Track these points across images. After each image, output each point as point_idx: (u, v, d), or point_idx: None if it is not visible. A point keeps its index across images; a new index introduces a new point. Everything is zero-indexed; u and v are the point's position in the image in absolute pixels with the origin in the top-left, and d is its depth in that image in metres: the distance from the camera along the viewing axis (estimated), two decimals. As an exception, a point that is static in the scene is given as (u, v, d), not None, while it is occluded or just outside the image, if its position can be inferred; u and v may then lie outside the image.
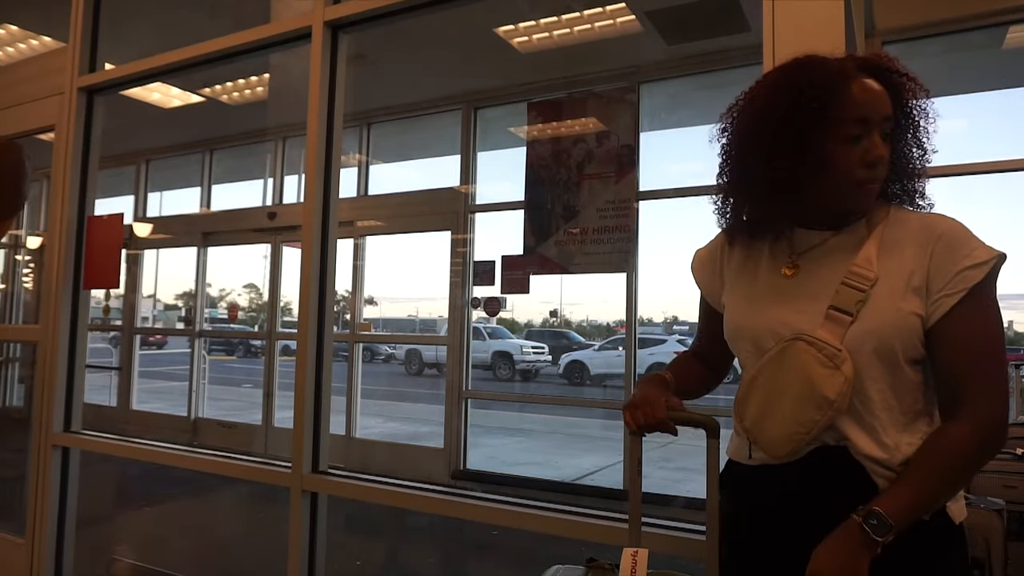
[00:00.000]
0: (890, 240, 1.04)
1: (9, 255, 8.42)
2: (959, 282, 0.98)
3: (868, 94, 1.00)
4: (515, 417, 9.01)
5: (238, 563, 3.72)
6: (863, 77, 1.02)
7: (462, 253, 5.66)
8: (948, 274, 0.98)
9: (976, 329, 0.98)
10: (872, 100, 1.01)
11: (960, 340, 0.98)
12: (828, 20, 1.31)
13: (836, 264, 1.05)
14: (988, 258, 0.98)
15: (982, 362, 0.98)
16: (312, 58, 2.08)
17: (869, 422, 1.01)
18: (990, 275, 0.98)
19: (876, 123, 1.01)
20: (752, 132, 1.05)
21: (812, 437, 1.02)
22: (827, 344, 1.01)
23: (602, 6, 4.40)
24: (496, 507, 1.71)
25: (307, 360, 2.03)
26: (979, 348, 0.98)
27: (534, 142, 5.37)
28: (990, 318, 0.99)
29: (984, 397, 0.97)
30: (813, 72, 1.02)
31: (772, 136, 1.01)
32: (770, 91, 1.05)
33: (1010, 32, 3.76)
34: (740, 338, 1.13)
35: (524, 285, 5.33)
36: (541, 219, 5.22)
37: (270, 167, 7.39)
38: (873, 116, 1.00)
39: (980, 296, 0.98)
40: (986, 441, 0.97)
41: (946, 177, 3.64)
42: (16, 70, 3.29)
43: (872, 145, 1.00)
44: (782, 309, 1.07)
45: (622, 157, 4.98)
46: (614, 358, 10.12)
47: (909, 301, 1.00)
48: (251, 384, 10.99)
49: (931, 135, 1.08)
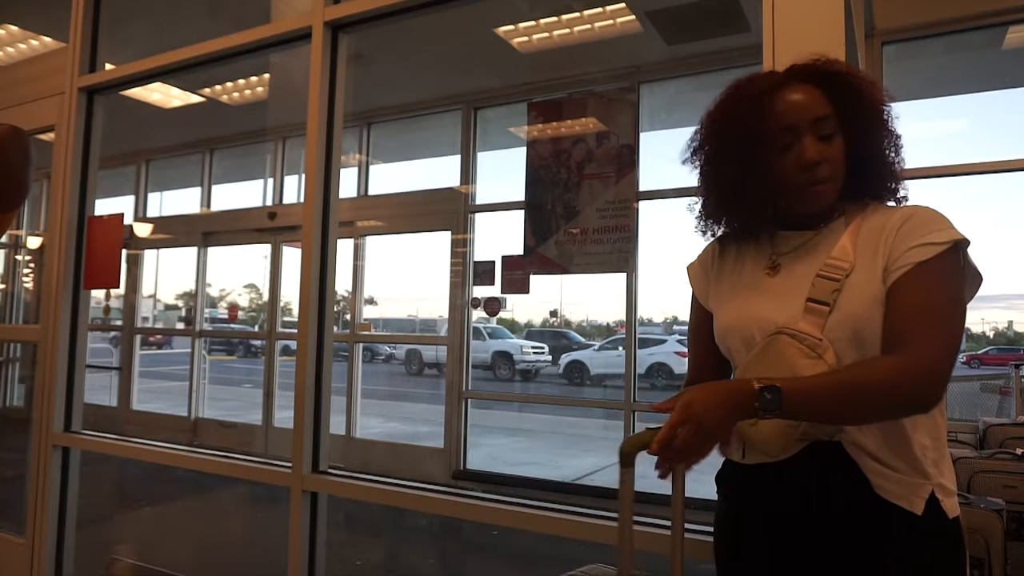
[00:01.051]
0: (868, 230, 1.06)
1: (9, 255, 8.43)
2: (908, 257, 0.99)
3: (791, 103, 1.06)
4: (515, 417, 9.01)
5: (238, 563, 3.72)
6: (793, 85, 1.07)
7: (462, 253, 5.66)
8: (900, 251, 1.00)
9: (921, 293, 0.98)
10: (797, 106, 1.05)
11: (904, 301, 0.98)
12: (828, 20, 1.31)
13: (815, 260, 1.08)
14: (942, 240, 0.98)
15: (926, 317, 0.97)
16: (312, 58, 2.08)
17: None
18: (942, 256, 0.98)
19: (806, 127, 1.05)
20: (706, 152, 1.14)
21: (802, 432, 1.03)
22: (808, 335, 1.03)
23: (602, 6, 4.40)
24: (496, 507, 1.71)
25: (307, 360, 2.03)
26: (923, 306, 0.97)
27: (534, 142, 5.37)
28: (937, 289, 0.98)
29: (925, 346, 0.95)
30: (742, 92, 1.11)
31: (719, 154, 1.11)
32: (714, 115, 1.14)
33: (1010, 32, 3.76)
34: (729, 338, 1.15)
35: (524, 285, 5.32)
36: (541, 219, 5.22)
37: (270, 167, 7.39)
38: (800, 122, 1.05)
39: (929, 271, 0.98)
40: (916, 383, 0.95)
41: (946, 177, 3.64)
42: (16, 70, 3.30)
43: (803, 149, 1.04)
44: (765, 306, 1.10)
45: (622, 157, 4.98)
46: (614, 358, 10.12)
47: (879, 284, 1.01)
48: (251, 384, 10.99)
49: (891, 125, 1.08)
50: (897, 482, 1.00)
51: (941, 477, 1.03)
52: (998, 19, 3.57)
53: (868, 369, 0.97)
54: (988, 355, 21.39)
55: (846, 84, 1.06)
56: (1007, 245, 3.35)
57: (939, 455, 1.04)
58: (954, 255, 0.99)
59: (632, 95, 5.01)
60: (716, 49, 4.72)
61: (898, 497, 1.00)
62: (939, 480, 1.02)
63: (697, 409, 0.94)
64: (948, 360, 0.96)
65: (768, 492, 1.09)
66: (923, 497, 1.00)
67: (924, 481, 1.01)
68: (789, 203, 1.07)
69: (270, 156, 7.37)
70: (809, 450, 1.04)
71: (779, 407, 0.93)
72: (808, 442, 1.04)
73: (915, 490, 1.00)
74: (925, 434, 1.03)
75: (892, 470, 1.01)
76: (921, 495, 1.00)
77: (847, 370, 0.99)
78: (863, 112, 1.06)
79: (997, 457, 2.59)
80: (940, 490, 1.02)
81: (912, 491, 1.00)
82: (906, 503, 1.00)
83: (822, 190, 1.06)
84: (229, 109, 6.31)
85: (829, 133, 1.05)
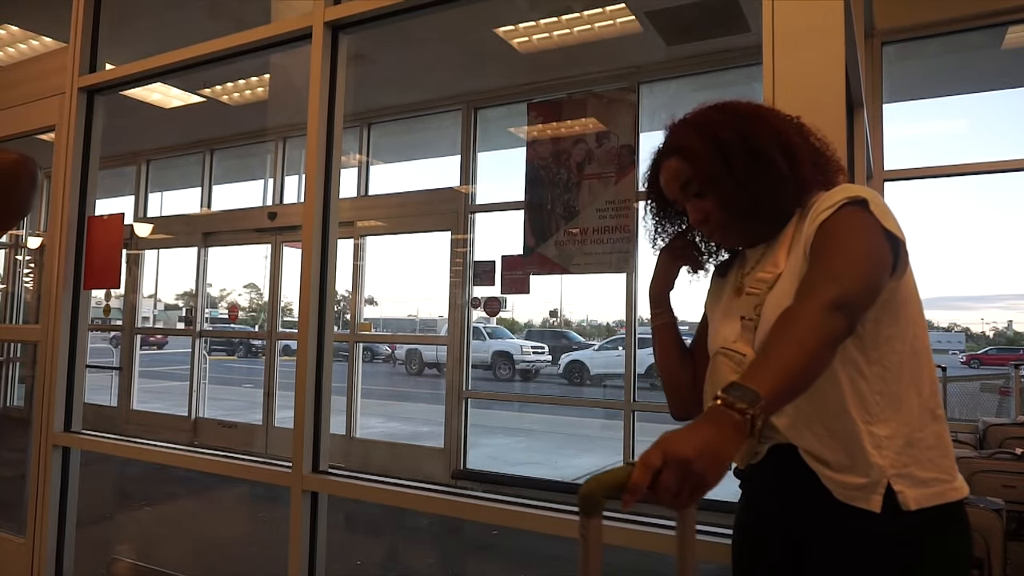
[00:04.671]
0: (800, 228, 1.05)
1: (9, 255, 8.43)
2: (811, 229, 0.99)
3: (663, 183, 1.15)
4: (515, 417, 9.02)
5: (238, 563, 3.72)
6: (664, 162, 1.14)
7: (462, 253, 5.66)
8: (810, 230, 1.00)
9: (821, 249, 0.96)
10: (666, 184, 1.14)
11: (811, 262, 0.97)
12: (828, 20, 1.31)
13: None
14: (837, 199, 0.98)
15: (826, 264, 0.93)
16: (312, 58, 2.08)
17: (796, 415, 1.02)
18: (836, 213, 0.97)
19: (681, 197, 1.13)
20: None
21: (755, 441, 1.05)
22: (736, 351, 1.06)
23: (602, 6, 4.40)
24: (496, 507, 1.71)
25: (307, 360, 2.03)
26: (825, 256, 0.95)
27: (534, 142, 5.37)
28: (834, 240, 0.95)
29: (826, 283, 0.90)
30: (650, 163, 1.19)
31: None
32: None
33: (1010, 32, 3.76)
34: (711, 357, 1.17)
35: (524, 285, 5.32)
36: (541, 219, 5.22)
37: (270, 167, 7.39)
38: (674, 196, 1.14)
39: (825, 230, 0.97)
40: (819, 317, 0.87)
41: (946, 177, 3.64)
42: (17, 70, 3.30)
43: (689, 213, 1.13)
44: (725, 328, 1.13)
45: (622, 157, 4.98)
46: (614, 358, 10.12)
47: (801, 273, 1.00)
48: (251, 384, 10.99)
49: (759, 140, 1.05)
50: (847, 485, 0.98)
51: (909, 466, 0.98)
52: (998, 19, 3.57)
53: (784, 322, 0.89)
54: (988, 355, 21.39)
55: (689, 144, 1.09)
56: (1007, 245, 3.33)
57: (908, 442, 0.98)
58: (851, 209, 0.97)
59: (632, 95, 5.01)
60: (716, 49, 4.73)
61: (852, 498, 0.98)
62: (904, 470, 0.97)
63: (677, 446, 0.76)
64: (851, 288, 0.89)
65: (748, 494, 1.16)
66: (879, 493, 0.96)
67: (875, 478, 0.97)
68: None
69: (270, 156, 7.37)
70: (771, 453, 1.06)
71: (757, 395, 0.79)
72: (768, 446, 1.06)
73: (869, 487, 0.97)
74: (887, 424, 0.98)
75: (837, 470, 0.99)
76: (877, 491, 0.96)
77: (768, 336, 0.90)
78: (715, 159, 1.06)
79: (997, 457, 2.59)
80: (904, 480, 0.97)
81: (866, 489, 0.97)
82: (863, 503, 0.97)
83: (721, 239, 1.15)
84: (229, 109, 6.31)
85: (699, 191, 1.10)
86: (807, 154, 1.07)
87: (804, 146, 1.08)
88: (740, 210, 1.07)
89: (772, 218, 1.08)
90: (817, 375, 0.86)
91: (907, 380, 1.01)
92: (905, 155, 3.60)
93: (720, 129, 1.07)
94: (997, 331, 33.11)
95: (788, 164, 1.04)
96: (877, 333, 1.00)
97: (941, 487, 0.99)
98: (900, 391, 1.00)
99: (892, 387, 1.00)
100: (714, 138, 1.06)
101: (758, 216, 1.08)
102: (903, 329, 1.01)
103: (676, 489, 0.75)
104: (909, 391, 1.00)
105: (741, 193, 1.05)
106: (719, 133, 1.06)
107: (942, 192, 8.25)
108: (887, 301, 0.99)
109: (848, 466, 0.98)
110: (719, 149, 1.06)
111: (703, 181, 1.08)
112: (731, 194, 1.06)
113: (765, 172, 1.04)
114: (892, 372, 1.00)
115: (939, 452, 1.01)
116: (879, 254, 0.95)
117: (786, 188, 1.05)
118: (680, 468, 0.74)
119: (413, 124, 6.67)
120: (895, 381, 1.00)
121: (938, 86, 4.81)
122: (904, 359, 1.00)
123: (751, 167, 1.04)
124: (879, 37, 3.58)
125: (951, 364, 8.02)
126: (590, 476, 0.87)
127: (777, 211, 1.07)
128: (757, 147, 1.04)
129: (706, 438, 0.76)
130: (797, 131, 1.10)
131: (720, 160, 1.05)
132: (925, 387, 1.01)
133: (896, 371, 1.00)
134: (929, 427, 1.01)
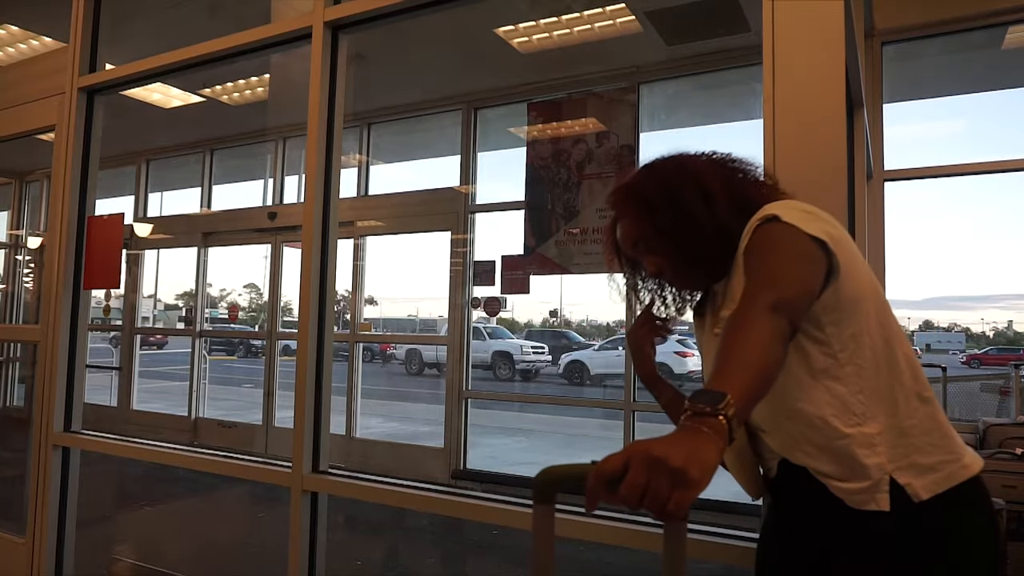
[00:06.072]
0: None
1: (9, 255, 8.43)
2: (739, 255, 1.02)
3: (620, 243, 1.21)
4: (515, 417, 9.02)
5: (238, 563, 3.72)
6: (618, 223, 1.20)
7: (462, 253, 5.66)
8: (739, 256, 1.03)
9: (751, 266, 0.97)
10: (621, 243, 1.20)
11: (745, 279, 0.97)
12: (828, 20, 1.31)
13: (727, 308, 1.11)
14: (752, 225, 1.00)
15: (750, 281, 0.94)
16: (312, 58, 2.08)
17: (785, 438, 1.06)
18: (753, 236, 0.99)
19: (635, 254, 1.18)
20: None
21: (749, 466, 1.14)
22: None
23: (602, 6, 4.40)
24: (496, 507, 1.71)
25: (307, 360, 2.03)
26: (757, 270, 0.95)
27: (534, 142, 5.37)
28: (756, 258, 0.97)
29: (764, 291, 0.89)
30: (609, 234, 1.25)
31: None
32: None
33: (1010, 32, 3.75)
34: None
35: (524, 285, 5.33)
36: (541, 219, 5.23)
37: (270, 167, 7.39)
38: (628, 252, 1.20)
39: (747, 252, 0.99)
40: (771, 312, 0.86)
41: (946, 177, 3.64)
42: (16, 70, 3.30)
43: (646, 268, 1.19)
44: (708, 365, 1.16)
45: (622, 157, 4.98)
46: (614, 358, 10.13)
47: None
48: (251, 384, 10.99)
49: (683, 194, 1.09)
50: (852, 491, 0.99)
51: (910, 456, 0.98)
52: (998, 19, 3.57)
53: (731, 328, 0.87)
54: (988, 355, 21.42)
55: (625, 210, 1.16)
56: (1007, 245, 3.34)
57: (901, 432, 0.99)
58: (763, 228, 0.99)
59: (632, 95, 5.01)
60: (716, 49, 4.72)
61: (861, 503, 0.98)
62: (905, 461, 0.98)
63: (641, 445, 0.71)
64: (784, 290, 0.89)
65: (774, 507, 1.19)
66: (884, 492, 0.97)
67: (876, 478, 0.97)
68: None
69: (270, 156, 7.37)
70: (781, 468, 1.09)
71: (723, 395, 0.75)
72: (776, 461, 1.09)
73: (872, 488, 0.97)
74: (875, 419, 0.99)
75: (840, 479, 1.00)
76: (881, 490, 0.97)
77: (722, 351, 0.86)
78: (646, 219, 1.13)
79: (997, 457, 2.59)
80: (908, 472, 0.97)
81: (870, 491, 0.98)
82: (872, 505, 0.97)
83: (683, 285, 1.20)
84: (229, 109, 6.31)
85: (648, 247, 1.15)
86: (725, 192, 1.09)
87: (725, 184, 1.10)
88: (684, 258, 1.12)
89: (714, 257, 1.10)
90: (773, 370, 0.84)
91: (885, 371, 1.00)
92: (905, 155, 3.60)
93: (645, 190, 1.14)
94: (997, 331, 33.16)
95: (706, 208, 1.08)
96: (840, 334, 1.00)
97: (949, 468, 0.99)
98: (880, 384, 1.00)
99: (871, 382, 1.00)
100: (643, 200, 1.13)
101: (701, 260, 1.12)
102: (865, 323, 1.00)
103: (647, 486, 0.67)
104: (890, 381, 1.00)
105: (676, 244, 1.11)
106: (645, 194, 1.13)
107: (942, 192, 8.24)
108: (837, 301, 0.99)
109: (847, 475, 0.99)
110: (648, 209, 1.13)
111: (645, 240, 1.15)
112: (669, 247, 1.12)
113: (687, 221, 1.09)
114: (867, 367, 1.00)
115: (938, 434, 1.00)
116: (803, 255, 0.95)
117: (705, 231, 1.08)
118: (649, 465, 0.68)
119: (413, 124, 6.67)
120: (873, 375, 1.00)
121: (938, 86, 4.81)
122: (877, 352, 1.00)
123: (676, 220, 1.09)
124: (879, 37, 3.57)
125: (951, 364, 8.01)
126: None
127: (712, 251, 1.10)
128: (677, 199, 1.09)
129: (678, 440, 0.70)
130: (718, 171, 1.12)
131: (649, 219, 1.12)
132: (905, 373, 1.01)
133: (871, 365, 1.00)
134: (920, 411, 1.01)
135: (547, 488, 0.87)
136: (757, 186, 1.12)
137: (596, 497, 0.72)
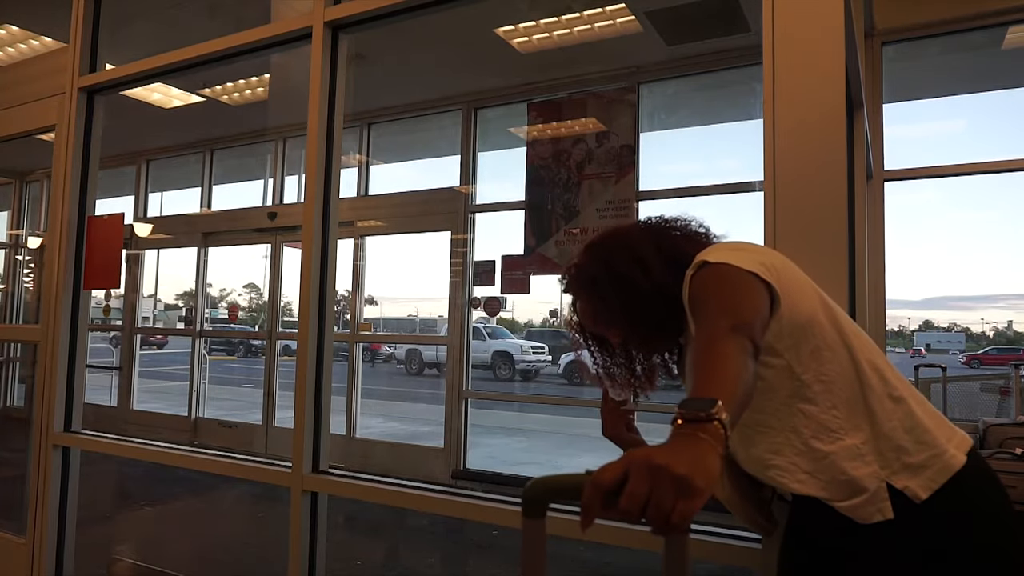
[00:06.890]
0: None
1: (9, 255, 8.43)
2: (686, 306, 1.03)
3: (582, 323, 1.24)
4: (515, 417, 9.02)
5: (238, 563, 3.72)
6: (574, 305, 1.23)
7: (462, 253, 5.66)
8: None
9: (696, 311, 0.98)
10: (581, 320, 1.23)
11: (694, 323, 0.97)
12: (828, 20, 1.31)
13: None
14: (687, 278, 1.02)
15: (708, 311, 0.95)
16: (312, 58, 2.08)
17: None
18: (693, 278, 1.01)
19: (597, 329, 1.21)
20: None
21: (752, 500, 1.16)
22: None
23: (602, 6, 4.40)
24: (496, 507, 1.71)
25: (307, 360, 2.03)
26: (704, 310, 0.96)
27: (534, 142, 5.37)
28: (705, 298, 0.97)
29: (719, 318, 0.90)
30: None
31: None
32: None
33: (1010, 32, 3.75)
34: None
35: (524, 285, 5.33)
36: (541, 219, 5.23)
37: (270, 167, 7.39)
38: (592, 328, 1.23)
39: (691, 298, 1.01)
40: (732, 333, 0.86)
41: (946, 177, 3.64)
42: (17, 70, 3.29)
43: (611, 340, 1.21)
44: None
45: (622, 157, 4.98)
46: (614, 358, 10.10)
47: None
48: (251, 384, 11.00)
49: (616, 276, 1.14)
50: (856, 507, 0.99)
51: (900, 458, 0.98)
52: (998, 19, 3.57)
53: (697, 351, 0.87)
54: (988, 355, 21.39)
55: (577, 291, 1.21)
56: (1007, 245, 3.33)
57: (883, 436, 0.99)
58: (695, 276, 1.01)
59: (632, 95, 5.01)
60: (716, 49, 4.73)
61: (867, 516, 0.98)
62: (896, 464, 0.98)
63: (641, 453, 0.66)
64: (739, 315, 0.89)
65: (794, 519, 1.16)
66: (885, 500, 0.97)
67: (873, 488, 0.98)
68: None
69: (270, 156, 7.37)
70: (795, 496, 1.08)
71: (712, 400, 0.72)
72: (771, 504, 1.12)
73: (873, 499, 0.98)
74: (857, 430, 1.00)
75: (841, 499, 1.00)
76: (882, 499, 0.97)
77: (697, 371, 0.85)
78: (595, 296, 1.18)
79: (997, 457, 2.59)
80: (902, 475, 0.98)
81: (872, 502, 0.98)
82: (878, 516, 0.98)
83: (650, 349, 1.22)
84: (229, 109, 6.31)
85: (605, 320, 1.18)
86: (656, 253, 1.13)
87: (656, 245, 1.14)
88: (638, 323, 1.15)
89: (664, 317, 1.12)
90: (749, 381, 0.82)
91: (854, 380, 1.01)
92: (905, 155, 3.60)
93: (588, 267, 1.19)
94: (997, 331, 33.13)
95: (640, 271, 1.12)
96: (799, 355, 1.01)
97: (940, 462, 0.99)
98: (852, 394, 1.01)
99: (843, 394, 1.00)
100: (587, 277, 1.19)
101: (653, 321, 1.14)
102: (822, 337, 1.01)
103: (649, 496, 0.62)
104: (861, 389, 1.01)
105: (625, 311, 1.14)
106: (588, 271, 1.19)
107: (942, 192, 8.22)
108: (789, 325, 0.99)
109: (845, 494, 0.99)
110: (592, 284, 1.18)
111: (598, 315, 1.19)
112: (620, 315, 1.15)
113: (626, 286, 1.13)
114: (836, 380, 1.01)
115: (920, 430, 1.00)
116: (741, 286, 0.96)
117: (646, 292, 1.11)
118: (651, 473, 0.63)
119: (413, 124, 6.66)
120: (843, 387, 1.01)
121: (938, 86, 4.81)
122: (842, 363, 1.01)
123: (617, 288, 1.14)
124: (879, 37, 3.57)
125: (951, 364, 8.02)
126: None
127: (660, 311, 1.11)
128: (617, 272, 1.14)
129: (676, 446, 0.66)
130: (654, 236, 1.16)
131: (597, 296, 1.17)
132: (871, 377, 1.01)
133: (840, 378, 1.01)
134: (895, 412, 1.01)
135: (538, 501, 0.79)
136: (689, 241, 1.15)
137: (593, 511, 0.65)
